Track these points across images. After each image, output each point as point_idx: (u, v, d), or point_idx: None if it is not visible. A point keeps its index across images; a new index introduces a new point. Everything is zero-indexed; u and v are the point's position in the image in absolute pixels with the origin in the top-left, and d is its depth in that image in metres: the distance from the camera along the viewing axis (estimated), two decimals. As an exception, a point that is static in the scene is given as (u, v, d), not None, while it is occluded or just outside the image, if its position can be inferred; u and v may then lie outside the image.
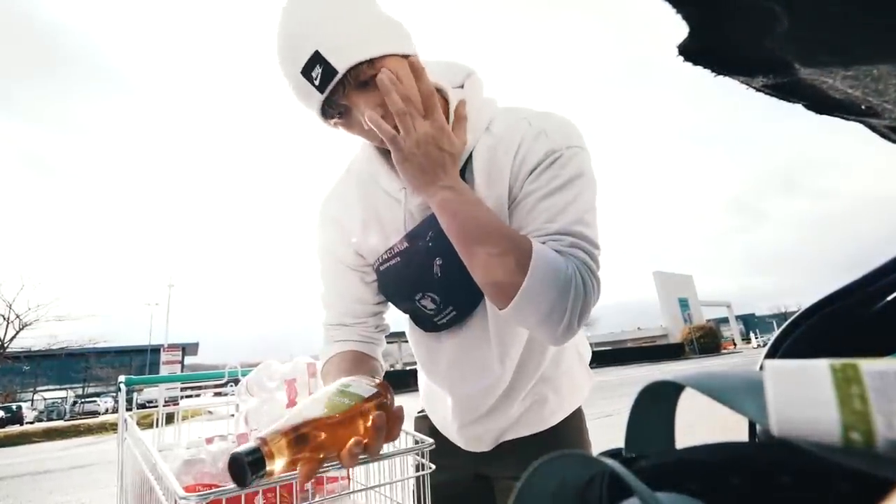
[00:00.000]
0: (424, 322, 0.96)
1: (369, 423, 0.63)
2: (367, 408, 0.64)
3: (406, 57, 0.78)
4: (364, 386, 0.67)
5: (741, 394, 0.21)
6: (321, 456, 0.60)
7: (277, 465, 0.56)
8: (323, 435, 0.59)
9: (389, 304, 0.99)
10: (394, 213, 0.89)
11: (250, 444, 0.56)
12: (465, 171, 0.84)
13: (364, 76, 0.73)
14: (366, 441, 0.62)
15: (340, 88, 0.73)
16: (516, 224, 0.81)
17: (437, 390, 1.05)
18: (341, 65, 0.71)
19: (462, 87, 0.89)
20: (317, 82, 0.72)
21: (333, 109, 0.76)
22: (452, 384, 0.98)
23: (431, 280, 0.87)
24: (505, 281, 0.71)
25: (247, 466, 0.54)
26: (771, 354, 0.46)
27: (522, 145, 0.82)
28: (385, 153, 0.88)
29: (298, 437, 0.58)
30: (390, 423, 0.65)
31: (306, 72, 0.73)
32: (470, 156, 0.84)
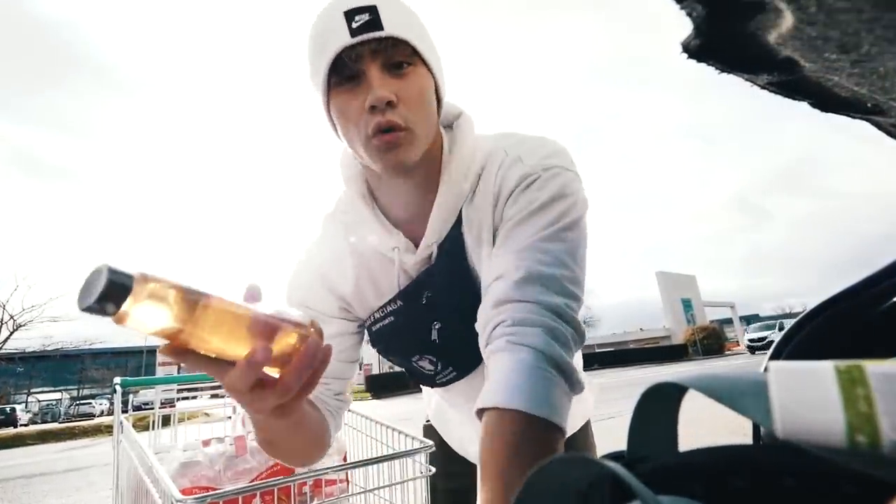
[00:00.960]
0: (422, 378, 0.92)
1: (285, 344, 0.50)
2: (288, 327, 0.50)
3: (435, 91, 0.75)
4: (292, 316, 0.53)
5: (745, 395, 0.21)
6: (210, 345, 0.46)
7: (140, 315, 0.42)
8: (222, 320, 0.46)
9: (355, 371, 0.90)
10: (386, 270, 0.84)
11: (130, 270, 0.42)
12: (459, 225, 0.79)
13: (397, 57, 0.69)
14: (273, 359, 0.48)
15: (374, 44, 0.67)
16: (486, 270, 0.75)
17: (450, 415, 1.04)
18: (391, 28, 0.67)
19: (451, 127, 0.85)
20: (355, 25, 0.67)
21: (350, 65, 0.68)
22: (467, 419, 0.95)
23: (429, 344, 0.83)
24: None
25: (104, 285, 0.40)
26: (775, 356, 0.46)
27: (498, 179, 0.77)
28: (373, 205, 0.83)
29: (189, 298, 0.44)
30: (314, 359, 0.51)
31: (350, 14, 0.67)
32: (461, 210, 0.79)
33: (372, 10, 0.67)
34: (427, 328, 0.82)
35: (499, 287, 0.69)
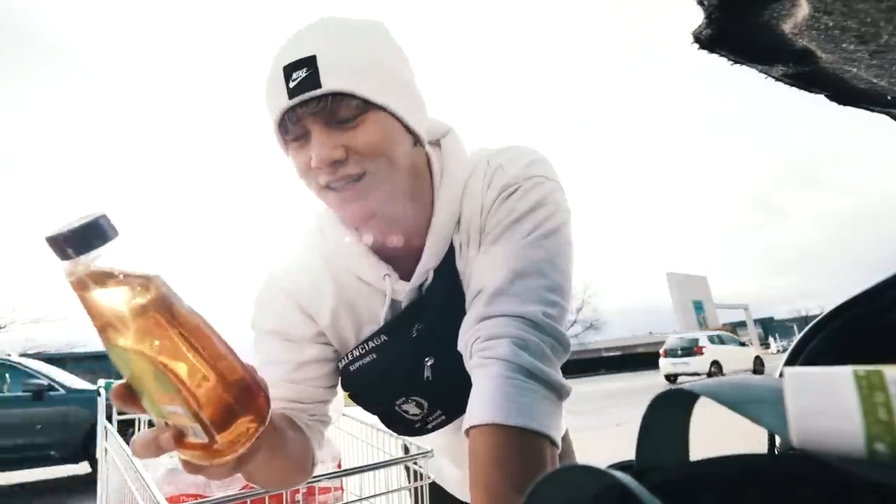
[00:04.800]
0: (400, 426, 0.88)
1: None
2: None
3: (404, 128, 0.71)
4: None
5: (759, 403, 0.21)
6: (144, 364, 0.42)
7: (96, 280, 0.40)
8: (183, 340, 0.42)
9: (335, 395, 0.86)
10: (367, 301, 0.81)
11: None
12: (452, 249, 0.79)
13: (342, 113, 0.65)
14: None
15: (312, 105, 0.65)
16: (468, 281, 0.75)
17: (442, 462, 1.02)
18: (330, 82, 0.64)
19: (438, 144, 0.82)
20: (292, 85, 0.64)
21: (293, 126, 0.67)
22: (461, 461, 0.93)
23: (419, 383, 0.79)
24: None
25: (87, 222, 0.38)
26: (791, 360, 0.46)
27: (483, 189, 0.77)
28: (356, 231, 0.80)
29: (161, 294, 0.41)
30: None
31: (289, 70, 0.65)
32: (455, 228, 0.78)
33: (310, 62, 0.64)
34: (418, 365, 0.78)
35: (477, 304, 0.70)
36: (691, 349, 15.99)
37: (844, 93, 0.44)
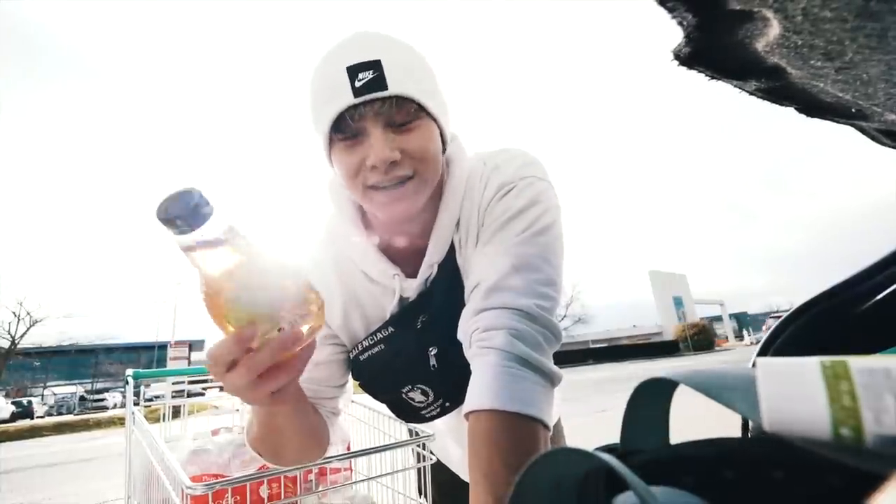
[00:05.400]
0: (407, 413, 0.87)
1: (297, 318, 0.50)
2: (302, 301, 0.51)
3: (440, 136, 0.73)
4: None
5: (733, 390, 0.21)
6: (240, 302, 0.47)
7: (206, 249, 0.45)
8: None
9: (344, 392, 0.86)
10: (375, 297, 0.81)
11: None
12: (452, 247, 0.78)
13: (401, 116, 0.66)
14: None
15: (377, 106, 0.64)
16: (468, 277, 0.75)
17: (451, 449, 1.02)
18: (396, 86, 0.63)
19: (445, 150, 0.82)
20: (358, 84, 0.63)
21: (353, 125, 0.66)
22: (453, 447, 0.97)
23: (425, 372, 0.79)
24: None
25: (194, 201, 0.42)
26: (763, 352, 0.46)
27: (480, 188, 0.77)
28: (367, 234, 0.80)
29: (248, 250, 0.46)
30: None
31: (354, 71, 0.63)
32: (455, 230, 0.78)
33: (376, 65, 0.63)
34: (423, 354, 0.78)
35: (474, 297, 0.70)
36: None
37: (813, 106, 0.44)
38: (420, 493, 0.94)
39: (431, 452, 0.95)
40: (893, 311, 0.42)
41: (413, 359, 0.78)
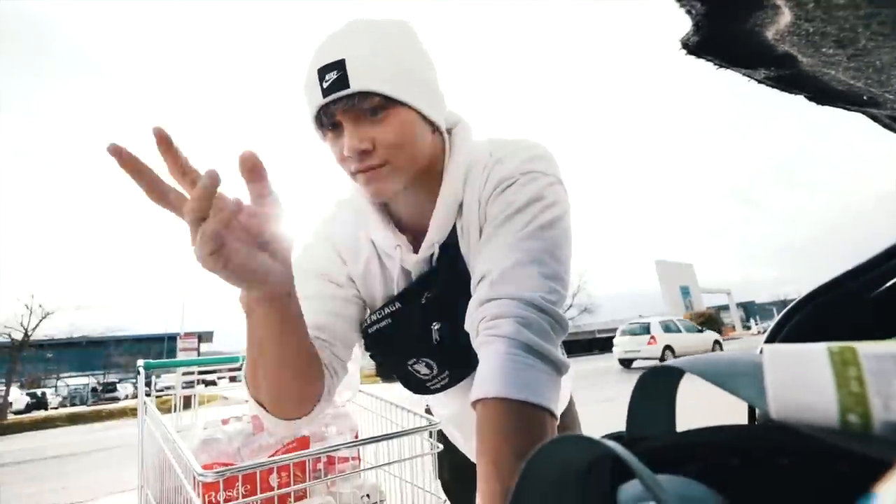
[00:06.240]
0: (415, 385, 0.90)
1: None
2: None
3: (424, 119, 0.74)
4: None
5: (740, 377, 0.21)
6: None
7: None
8: None
9: (356, 339, 0.88)
10: (383, 270, 0.84)
11: None
12: (455, 230, 0.80)
13: (373, 105, 0.70)
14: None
15: (343, 102, 0.69)
16: (473, 270, 0.76)
17: (450, 429, 1.05)
18: (358, 83, 0.68)
19: (450, 133, 0.83)
20: (325, 85, 0.69)
21: (328, 120, 0.72)
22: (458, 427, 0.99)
23: (429, 346, 0.82)
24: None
25: None
26: (771, 339, 0.46)
27: (482, 180, 0.78)
28: (381, 206, 0.84)
29: None
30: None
31: (322, 72, 0.69)
32: (458, 216, 0.80)
33: (340, 65, 0.68)
34: (426, 329, 0.81)
35: (481, 288, 0.71)
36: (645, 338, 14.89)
37: (823, 94, 0.44)
38: (426, 482, 0.95)
39: (440, 440, 0.96)
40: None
41: (417, 333, 0.81)
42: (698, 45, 0.39)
